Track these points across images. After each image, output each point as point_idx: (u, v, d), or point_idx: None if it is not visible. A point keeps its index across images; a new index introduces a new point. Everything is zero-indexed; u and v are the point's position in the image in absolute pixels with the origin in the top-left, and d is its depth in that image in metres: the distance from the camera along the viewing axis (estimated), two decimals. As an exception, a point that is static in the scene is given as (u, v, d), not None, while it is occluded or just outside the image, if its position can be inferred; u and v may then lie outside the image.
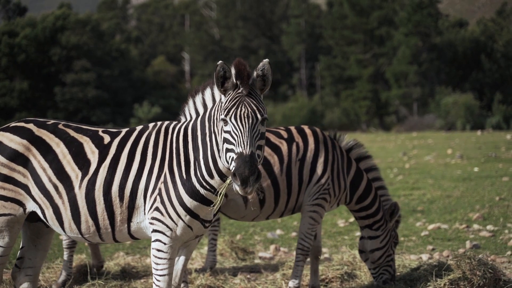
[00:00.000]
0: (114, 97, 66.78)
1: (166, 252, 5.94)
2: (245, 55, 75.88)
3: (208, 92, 6.01)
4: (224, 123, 5.49)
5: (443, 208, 14.60)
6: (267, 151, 7.91)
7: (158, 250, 5.95)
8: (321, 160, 8.04)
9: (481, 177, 19.56)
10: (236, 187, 5.30)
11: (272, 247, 11.04)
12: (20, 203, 6.17)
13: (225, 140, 5.48)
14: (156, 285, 5.99)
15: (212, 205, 5.87)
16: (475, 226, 12.39)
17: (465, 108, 55.23)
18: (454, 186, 17.89)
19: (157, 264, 5.97)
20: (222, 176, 5.77)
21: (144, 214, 5.99)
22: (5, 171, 6.15)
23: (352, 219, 13.80)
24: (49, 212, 6.11)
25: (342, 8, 68.38)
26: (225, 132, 5.48)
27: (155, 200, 5.90)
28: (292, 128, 8.31)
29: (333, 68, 67.92)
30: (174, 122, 6.19)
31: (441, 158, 26.61)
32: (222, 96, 5.64)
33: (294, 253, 10.15)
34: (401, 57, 62.30)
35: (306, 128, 8.28)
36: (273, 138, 8.07)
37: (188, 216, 5.85)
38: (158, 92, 68.49)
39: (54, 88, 66.02)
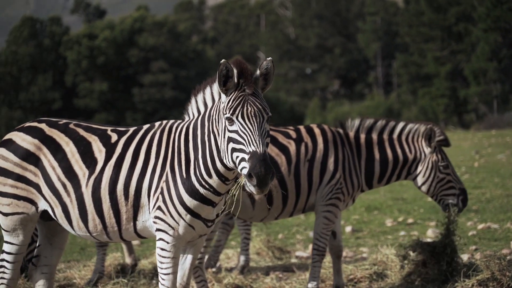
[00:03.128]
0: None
1: (170, 251, 5.94)
2: (320, 54, 75.64)
3: (208, 91, 5.99)
4: (229, 122, 5.44)
5: (499, 208, 14.23)
6: (275, 151, 7.83)
7: (162, 249, 5.96)
8: (331, 160, 7.94)
9: (551, 175, 19.02)
10: (252, 188, 5.24)
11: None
12: (33, 202, 6.27)
13: (231, 140, 5.43)
14: (162, 284, 6.01)
15: (225, 209, 5.85)
16: (528, 226, 12.05)
17: (548, 105, 53.72)
18: (519, 185, 17.43)
19: (161, 263, 5.99)
20: (220, 176, 5.74)
21: (149, 213, 6.00)
22: (17, 170, 6.26)
23: (401, 219, 13.59)
24: (58, 211, 6.19)
25: (418, 5, 67.37)
26: (231, 131, 5.43)
27: (157, 199, 5.91)
28: (301, 127, 8.21)
29: (409, 66, 66.96)
30: (179, 121, 6.19)
31: (515, 156, 25.98)
32: (223, 95, 5.60)
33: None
34: (480, 53, 60.91)
35: (315, 127, 8.17)
36: (281, 138, 7.98)
37: (188, 216, 5.84)
38: (233, 92, 68.79)
39: (132, 89, 67.19)
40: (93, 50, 67.19)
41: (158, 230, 5.95)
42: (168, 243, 5.92)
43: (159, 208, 5.90)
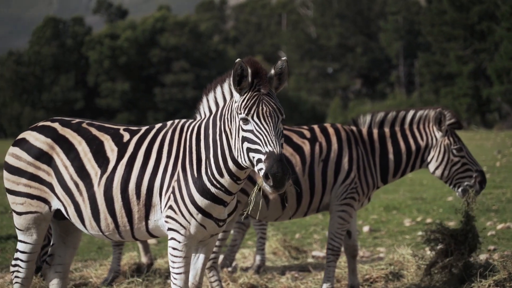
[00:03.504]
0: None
1: (181, 251, 5.91)
2: (342, 53, 75.44)
3: (219, 90, 5.95)
4: (244, 122, 5.42)
5: (520, 207, 14.11)
6: (289, 151, 7.78)
7: (174, 249, 5.93)
8: (345, 160, 7.88)
9: None
10: (268, 188, 5.23)
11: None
12: (46, 201, 6.28)
13: (246, 139, 5.40)
14: (173, 283, 5.98)
15: (244, 212, 5.79)
16: (549, 226, 11.91)
17: None
18: (541, 185, 17.25)
19: (173, 262, 5.96)
20: (232, 176, 5.72)
21: (161, 212, 5.99)
22: (31, 169, 6.28)
23: (419, 218, 13.50)
24: (71, 210, 6.20)
25: (441, 4, 66.96)
26: (246, 131, 5.41)
27: (169, 198, 5.89)
28: (316, 127, 8.14)
29: (432, 65, 66.59)
30: (190, 120, 6.17)
31: (538, 156, 25.75)
32: (237, 95, 5.57)
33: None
34: (503, 52, 60.34)
35: (329, 127, 8.11)
36: (295, 138, 7.92)
37: (200, 215, 5.81)
38: (255, 91, 68.69)
39: (154, 89, 67.41)
40: (115, 50, 67.56)
41: (169, 229, 5.93)
42: (179, 242, 5.89)
43: (170, 207, 5.88)
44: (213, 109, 5.97)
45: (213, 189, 5.78)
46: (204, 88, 6.12)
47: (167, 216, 5.90)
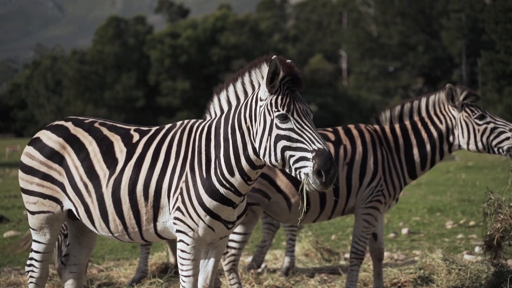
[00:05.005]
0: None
1: (190, 253, 5.81)
2: (403, 52, 74.63)
3: (231, 89, 5.84)
4: (282, 119, 5.28)
5: None
6: None
7: (182, 251, 5.83)
8: (370, 162, 7.67)
9: None
10: (317, 185, 5.07)
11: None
12: (58, 201, 6.25)
13: (284, 138, 5.24)
14: (182, 286, 5.90)
15: (300, 209, 5.63)
16: None
17: None
18: None
19: (182, 264, 5.86)
20: (243, 175, 5.60)
21: (169, 213, 5.90)
22: (43, 169, 6.26)
23: (462, 221, 13.16)
24: (81, 210, 6.16)
25: (506, 1, 65.63)
26: (284, 129, 5.26)
27: (177, 199, 5.79)
28: (340, 129, 7.95)
29: (495, 64, 65.33)
30: (200, 120, 6.06)
31: None
32: (266, 92, 5.44)
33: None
34: None
35: (353, 129, 7.91)
36: None
37: (208, 217, 5.70)
38: (315, 90, 68.46)
39: (214, 88, 67.64)
40: (176, 49, 68.14)
41: (178, 231, 5.83)
42: (188, 244, 5.79)
43: (178, 209, 5.78)
44: (225, 108, 5.84)
45: (222, 190, 5.66)
46: (216, 88, 6.03)
47: (175, 218, 5.81)
